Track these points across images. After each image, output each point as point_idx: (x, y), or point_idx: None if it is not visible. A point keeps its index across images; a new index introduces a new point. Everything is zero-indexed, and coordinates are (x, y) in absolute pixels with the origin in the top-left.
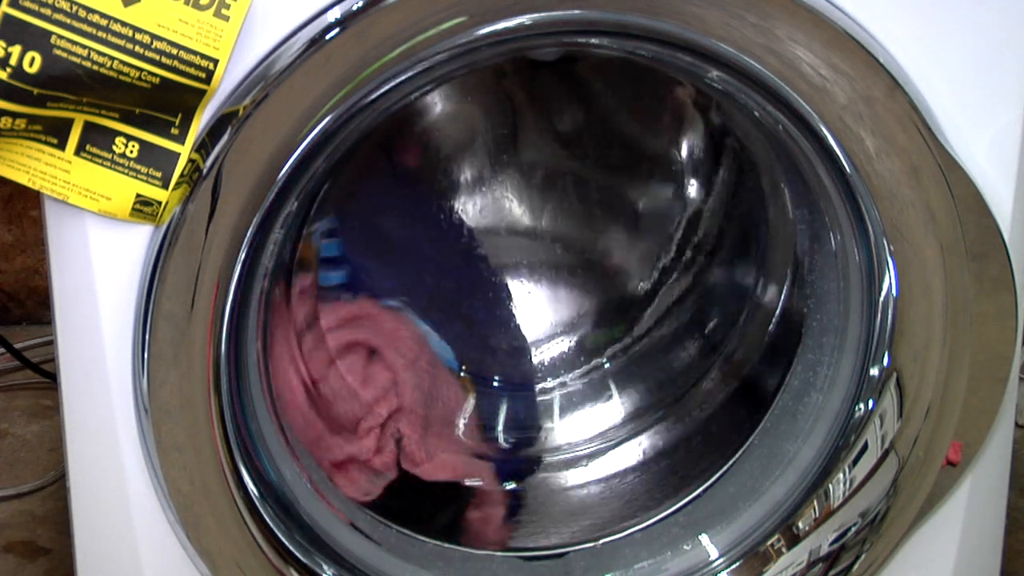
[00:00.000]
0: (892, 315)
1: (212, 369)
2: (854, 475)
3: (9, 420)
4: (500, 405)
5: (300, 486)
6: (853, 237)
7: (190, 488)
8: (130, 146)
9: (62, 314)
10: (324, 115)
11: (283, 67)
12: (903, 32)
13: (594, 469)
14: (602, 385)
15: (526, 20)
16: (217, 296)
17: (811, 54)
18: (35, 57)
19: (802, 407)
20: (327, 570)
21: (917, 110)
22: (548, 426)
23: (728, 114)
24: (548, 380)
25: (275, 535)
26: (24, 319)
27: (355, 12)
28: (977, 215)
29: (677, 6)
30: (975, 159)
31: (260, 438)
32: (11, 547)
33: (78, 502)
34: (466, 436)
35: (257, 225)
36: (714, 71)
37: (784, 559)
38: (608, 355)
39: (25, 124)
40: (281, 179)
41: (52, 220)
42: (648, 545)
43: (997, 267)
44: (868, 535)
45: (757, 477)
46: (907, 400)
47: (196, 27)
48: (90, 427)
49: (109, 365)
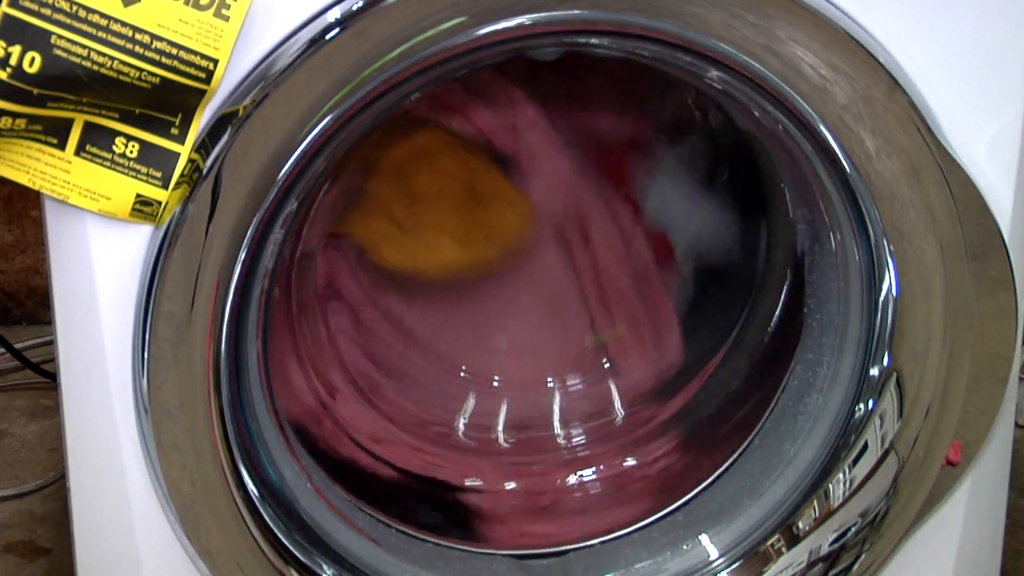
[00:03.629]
0: (892, 315)
1: (212, 369)
2: (854, 475)
3: (9, 420)
4: (500, 405)
5: (300, 486)
6: (853, 237)
7: (190, 488)
8: (130, 146)
9: (62, 314)
10: (324, 115)
11: (283, 67)
12: (903, 32)
13: (594, 469)
14: (602, 385)
15: (526, 20)
16: (217, 296)
17: (811, 54)
18: (35, 57)
19: (802, 407)
20: (327, 570)
21: (917, 110)
22: (548, 426)
23: (728, 114)
24: (548, 380)
25: (275, 535)
26: (24, 319)
27: (355, 12)
28: (977, 215)
29: (677, 6)
30: (975, 159)
31: (260, 438)
32: (11, 547)
33: (78, 502)
34: (466, 436)
35: (257, 225)
36: (714, 71)
37: (784, 559)
38: (608, 355)
39: (25, 124)
40: (281, 179)
41: (52, 220)
42: (648, 545)
43: (997, 267)
44: (868, 535)
45: (757, 477)
46: (907, 400)
47: (196, 27)
48: (90, 427)
49: (109, 365)
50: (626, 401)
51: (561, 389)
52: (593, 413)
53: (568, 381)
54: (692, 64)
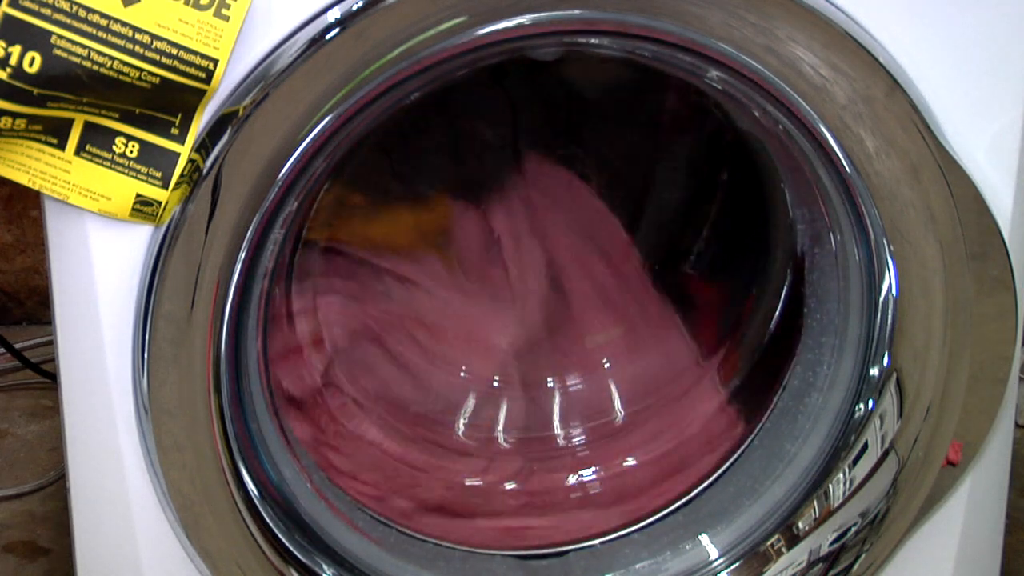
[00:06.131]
0: (892, 315)
1: (212, 369)
2: (854, 475)
3: (9, 420)
4: (500, 405)
5: (300, 486)
6: (853, 237)
7: (190, 488)
8: (130, 146)
9: (62, 314)
10: (324, 115)
11: (283, 67)
12: (903, 32)
13: (594, 469)
14: (602, 385)
15: (526, 20)
16: (217, 296)
17: (811, 54)
18: (35, 57)
19: (802, 407)
20: (327, 570)
21: (917, 110)
22: (548, 426)
23: (728, 114)
24: (548, 380)
25: (275, 535)
26: (24, 319)
27: (355, 12)
28: (977, 215)
29: (677, 6)
30: (975, 159)
31: (260, 438)
32: (11, 547)
33: (78, 502)
34: (466, 436)
35: (257, 225)
36: (714, 71)
37: (784, 559)
38: (608, 355)
39: (25, 124)
40: (281, 179)
41: (52, 220)
42: (648, 545)
43: (997, 267)
44: (868, 535)
45: (757, 477)
46: (907, 400)
47: (196, 27)
48: (90, 427)
49: (109, 365)
50: (625, 401)
51: (561, 389)
52: (593, 413)
53: (568, 381)
54: (692, 64)
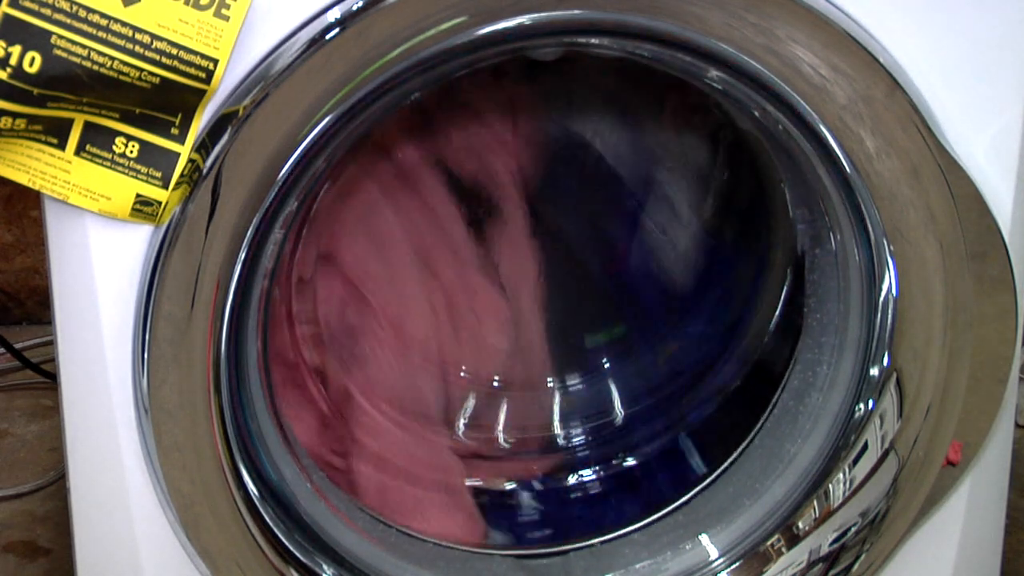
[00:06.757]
0: (892, 315)
1: (212, 369)
2: (854, 475)
3: (9, 420)
4: (500, 405)
5: (300, 486)
6: (853, 237)
7: (190, 488)
8: (130, 146)
9: (62, 314)
10: (324, 115)
11: (283, 67)
12: (903, 32)
13: (594, 469)
14: (602, 386)
15: (526, 20)
16: (217, 296)
17: (811, 54)
18: (35, 57)
19: (802, 407)
20: (327, 570)
21: (917, 110)
22: (548, 426)
23: (728, 114)
24: (548, 380)
25: (275, 535)
26: (24, 319)
27: (355, 12)
28: (977, 215)
29: (677, 6)
30: (975, 159)
31: (260, 438)
32: (11, 547)
33: (78, 502)
34: (466, 436)
35: (257, 225)
36: (714, 71)
37: (784, 559)
38: (608, 355)
39: (25, 124)
40: (281, 179)
41: (52, 220)
42: (648, 545)
43: (997, 267)
44: (868, 535)
45: (757, 477)
46: (907, 400)
47: (196, 27)
48: (90, 427)
49: (109, 365)
50: (626, 401)
51: (561, 389)
52: (593, 413)
53: (568, 381)
54: (692, 64)
